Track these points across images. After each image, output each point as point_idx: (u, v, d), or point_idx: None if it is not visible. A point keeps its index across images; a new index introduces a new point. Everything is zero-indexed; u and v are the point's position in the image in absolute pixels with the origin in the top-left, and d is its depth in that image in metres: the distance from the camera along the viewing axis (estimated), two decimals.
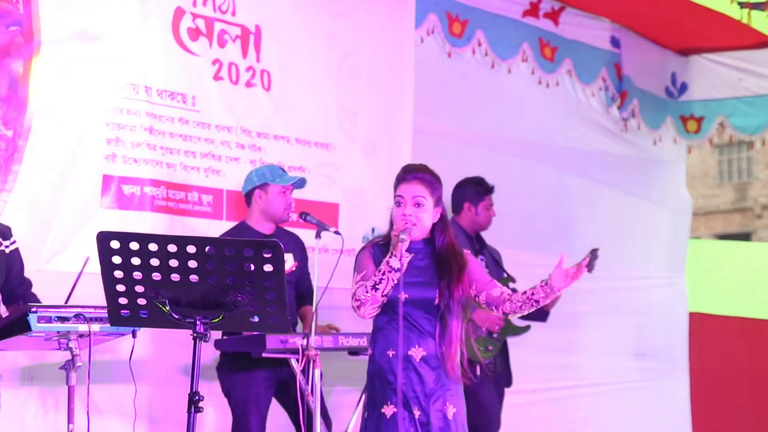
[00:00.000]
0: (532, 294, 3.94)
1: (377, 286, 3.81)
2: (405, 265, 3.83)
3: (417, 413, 3.86)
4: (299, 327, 5.21)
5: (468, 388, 5.83)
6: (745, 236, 27.10)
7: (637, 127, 7.79)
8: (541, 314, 6.13)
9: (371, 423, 3.89)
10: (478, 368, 5.85)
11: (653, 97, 7.86)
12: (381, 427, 3.84)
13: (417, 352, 3.90)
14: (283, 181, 5.05)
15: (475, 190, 6.06)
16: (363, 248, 4.00)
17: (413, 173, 3.99)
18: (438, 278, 3.93)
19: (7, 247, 4.11)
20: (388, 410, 3.84)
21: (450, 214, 6.19)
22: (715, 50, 7.97)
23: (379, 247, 3.97)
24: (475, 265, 4.04)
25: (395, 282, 3.82)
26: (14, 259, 4.15)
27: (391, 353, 3.90)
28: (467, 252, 4.06)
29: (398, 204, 3.95)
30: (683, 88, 8.07)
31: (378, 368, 3.92)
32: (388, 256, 3.85)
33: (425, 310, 3.93)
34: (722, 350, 8.49)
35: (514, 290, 6.06)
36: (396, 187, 3.98)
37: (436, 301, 3.92)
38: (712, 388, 8.36)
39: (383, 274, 3.82)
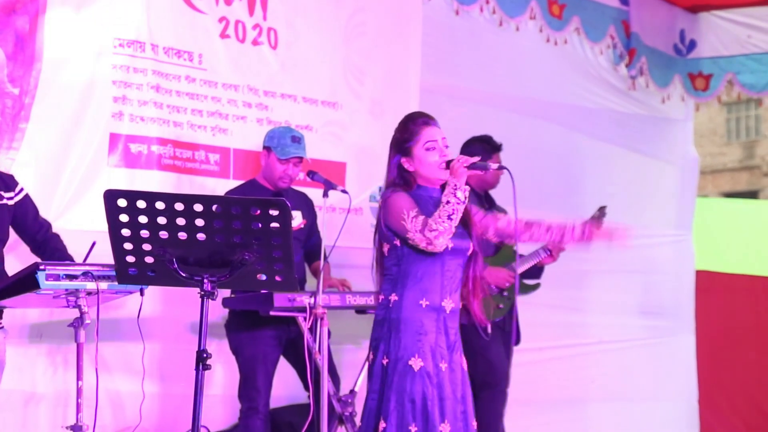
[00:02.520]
0: (562, 236, 3.95)
1: (452, 217, 3.73)
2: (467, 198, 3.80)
3: (443, 366, 3.84)
4: (311, 282, 5.20)
5: (478, 345, 5.90)
6: (752, 194, 27.03)
7: (645, 85, 7.74)
8: (536, 270, 6.14)
9: (395, 372, 3.78)
10: (489, 326, 5.88)
11: (661, 55, 7.79)
12: (407, 379, 3.77)
13: (448, 304, 3.87)
14: (282, 154, 5.00)
15: (482, 149, 6.00)
16: (393, 191, 3.88)
17: (432, 118, 3.96)
18: (464, 225, 3.90)
19: (10, 198, 4.09)
20: (416, 363, 3.78)
21: None
22: (724, 7, 7.89)
23: (412, 193, 3.89)
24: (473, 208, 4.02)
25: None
26: (25, 207, 4.15)
27: (425, 303, 3.83)
28: None
29: (429, 149, 3.88)
30: (692, 45, 8.00)
31: (407, 317, 3.82)
32: (450, 189, 3.75)
33: (460, 260, 3.90)
34: (729, 308, 8.49)
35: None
36: (418, 132, 3.90)
37: (470, 251, 3.92)
38: (718, 345, 8.37)
39: (454, 205, 3.74)
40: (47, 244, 4.20)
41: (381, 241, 3.92)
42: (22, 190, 4.16)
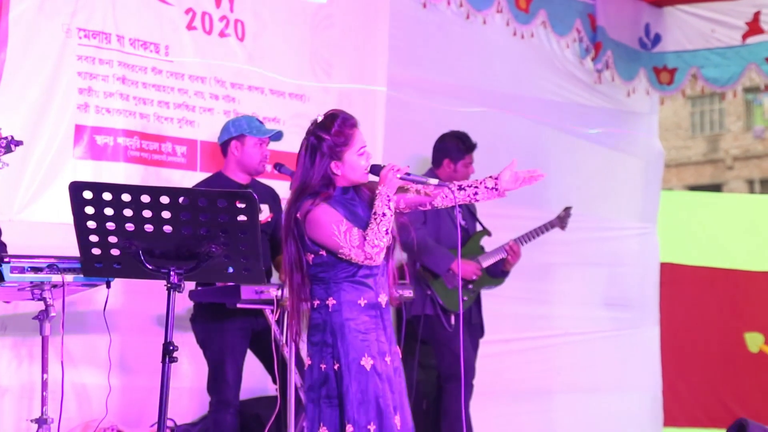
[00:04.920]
0: (475, 193, 3.89)
1: (388, 230, 3.70)
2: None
3: (388, 359, 3.81)
4: (275, 275, 5.20)
5: (443, 337, 5.91)
6: (716, 187, 27.27)
7: (610, 78, 7.77)
8: (499, 273, 6.17)
9: (350, 375, 3.71)
10: (453, 318, 5.89)
11: (627, 49, 7.83)
12: (363, 380, 3.71)
13: (383, 299, 3.83)
14: (260, 134, 4.99)
15: (457, 147, 6.02)
16: (314, 205, 3.72)
17: (355, 118, 3.85)
18: None
19: None
20: (367, 362, 3.73)
21: (429, 165, 6.19)
22: (689, 1, 7.93)
23: (334, 200, 3.77)
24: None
25: None
26: None
27: (363, 302, 3.77)
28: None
29: (361, 155, 3.78)
30: (657, 39, 8.04)
31: (349, 318, 3.74)
32: (384, 200, 3.71)
33: (386, 255, 3.83)
34: (693, 300, 8.55)
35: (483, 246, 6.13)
36: (352, 136, 3.78)
37: (390, 243, 3.85)
38: (681, 336, 8.43)
39: (389, 217, 3.70)
40: None
41: (303, 251, 3.76)
42: None
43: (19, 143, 3.90)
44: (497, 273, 6.15)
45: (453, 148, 6.02)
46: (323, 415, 3.74)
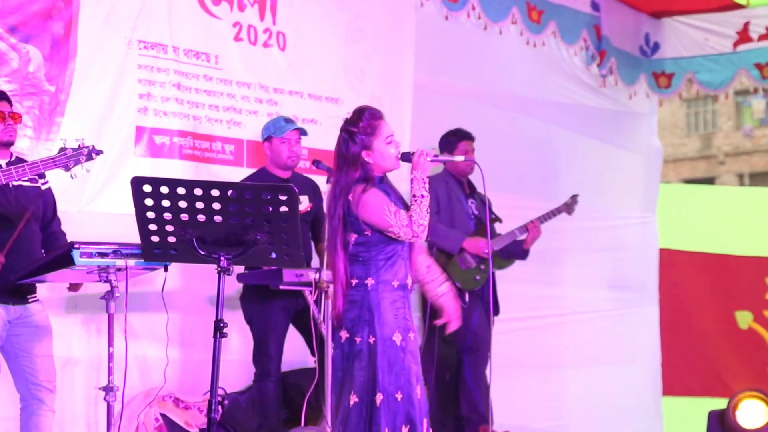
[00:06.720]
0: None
1: (428, 209, 3.72)
2: None
3: (411, 335, 3.80)
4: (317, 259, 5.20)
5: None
6: (709, 180, 27.06)
7: (614, 83, 7.73)
8: (521, 252, 6.15)
9: (384, 349, 3.71)
10: (467, 295, 5.87)
11: (629, 56, 7.78)
12: (393, 353, 3.72)
13: (410, 281, 3.83)
14: (281, 133, 5.00)
15: (450, 139, 6.02)
16: (366, 189, 3.74)
17: (381, 112, 3.85)
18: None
19: (44, 184, 4.11)
20: (397, 338, 3.73)
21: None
22: (684, 13, 7.87)
23: (380, 185, 3.79)
24: None
25: None
26: (49, 197, 4.16)
27: (396, 283, 3.76)
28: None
29: (389, 143, 3.79)
30: (656, 47, 7.99)
31: (385, 298, 3.75)
32: (420, 183, 3.72)
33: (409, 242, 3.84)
34: (688, 282, 8.49)
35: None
36: (378, 127, 3.79)
37: None
38: (678, 315, 8.38)
39: (427, 198, 3.71)
40: (57, 239, 4.18)
41: (348, 231, 3.76)
42: (48, 182, 4.15)
43: (99, 152, 3.96)
44: (519, 252, 6.14)
45: (448, 141, 6.02)
46: (355, 383, 3.73)
